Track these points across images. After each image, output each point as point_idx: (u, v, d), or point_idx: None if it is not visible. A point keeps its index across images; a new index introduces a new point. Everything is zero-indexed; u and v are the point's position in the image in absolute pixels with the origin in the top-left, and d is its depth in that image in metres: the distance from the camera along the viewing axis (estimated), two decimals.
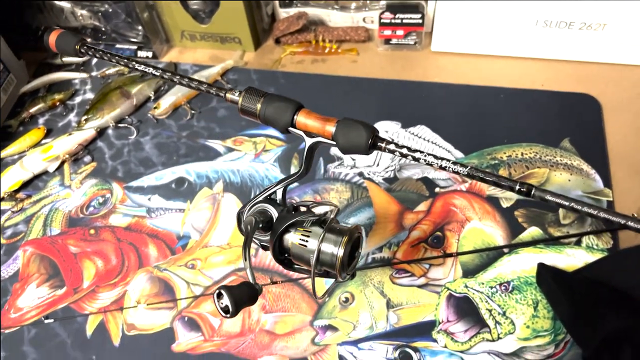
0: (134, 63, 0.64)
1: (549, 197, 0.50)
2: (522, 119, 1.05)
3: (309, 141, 0.60)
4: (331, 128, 0.57)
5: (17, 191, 1.05)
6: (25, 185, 1.06)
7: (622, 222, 0.47)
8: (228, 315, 0.48)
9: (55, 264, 0.95)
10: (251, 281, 0.52)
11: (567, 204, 0.49)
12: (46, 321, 0.89)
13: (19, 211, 1.03)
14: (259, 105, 0.60)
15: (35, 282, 0.94)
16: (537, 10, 1.05)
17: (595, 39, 1.07)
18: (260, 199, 0.63)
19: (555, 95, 1.08)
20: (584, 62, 1.11)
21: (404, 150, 0.55)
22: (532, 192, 0.51)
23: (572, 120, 1.04)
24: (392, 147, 0.55)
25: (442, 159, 0.54)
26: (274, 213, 0.60)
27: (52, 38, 0.68)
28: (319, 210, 0.61)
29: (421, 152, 0.54)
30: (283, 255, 0.60)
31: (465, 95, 1.10)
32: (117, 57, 0.64)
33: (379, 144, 0.56)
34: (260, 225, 0.59)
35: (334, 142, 0.58)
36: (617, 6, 1.00)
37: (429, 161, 0.54)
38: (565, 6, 1.03)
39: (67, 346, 0.86)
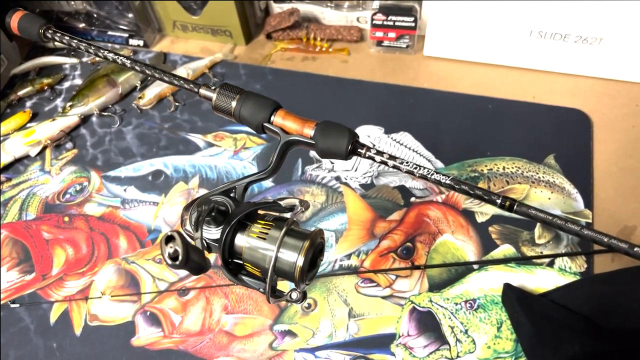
0: (102, 51, 0.63)
1: (531, 212, 0.48)
2: (508, 132, 1.02)
3: (284, 137, 0.55)
4: (310, 131, 0.54)
5: None
6: (6, 167, 1.07)
7: (600, 238, 0.46)
8: (177, 263, 0.42)
9: (27, 249, 0.96)
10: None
11: (549, 219, 0.48)
12: (12, 305, 0.89)
13: None
14: (234, 103, 0.57)
15: (6, 265, 0.94)
16: (532, 21, 1.01)
17: (590, 53, 1.03)
18: (216, 193, 0.59)
19: (546, 108, 1.04)
20: (577, 76, 1.08)
21: (384, 157, 0.53)
22: (515, 207, 0.49)
23: (560, 136, 1.01)
24: (372, 153, 0.54)
25: (423, 167, 0.52)
26: (230, 206, 0.54)
27: (14, 20, 0.62)
28: (283, 207, 0.57)
29: (402, 160, 0.53)
30: (232, 260, 0.57)
31: (453, 103, 1.07)
32: (84, 44, 0.62)
33: (359, 149, 0.53)
34: (213, 214, 0.51)
35: (313, 142, 0.54)
36: (614, 20, 0.97)
37: (409, 169, 0.53)
38: (561, 18, 0.99)
39: (31, 332, 0.87)
